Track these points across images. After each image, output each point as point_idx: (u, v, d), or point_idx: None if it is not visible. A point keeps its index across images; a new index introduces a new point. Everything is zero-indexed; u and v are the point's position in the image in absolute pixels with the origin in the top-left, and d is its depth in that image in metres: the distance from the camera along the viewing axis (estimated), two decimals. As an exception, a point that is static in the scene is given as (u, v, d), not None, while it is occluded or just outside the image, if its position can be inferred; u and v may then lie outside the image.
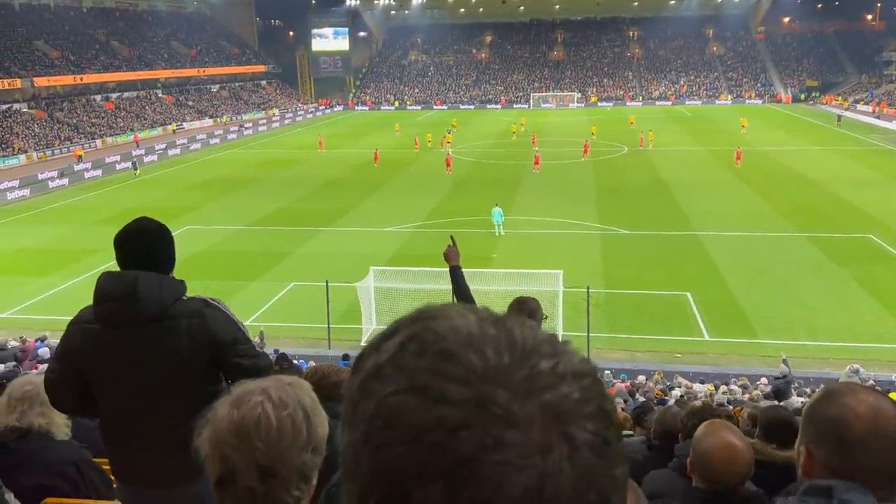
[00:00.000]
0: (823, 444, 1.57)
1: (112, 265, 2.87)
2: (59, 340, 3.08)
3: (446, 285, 18.78)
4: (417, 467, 0.59)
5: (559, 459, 0.59)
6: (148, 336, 2.80)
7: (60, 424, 3.45)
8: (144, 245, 2.92)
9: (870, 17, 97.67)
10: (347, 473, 0.65)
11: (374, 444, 0.62)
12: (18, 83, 62.21)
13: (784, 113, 75.87)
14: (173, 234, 3.05)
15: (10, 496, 3.01)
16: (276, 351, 16.09)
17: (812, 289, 22.16)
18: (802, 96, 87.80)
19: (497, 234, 28.64)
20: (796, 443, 1.68)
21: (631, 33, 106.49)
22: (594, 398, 0.63)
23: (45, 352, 14.57)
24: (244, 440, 1.44)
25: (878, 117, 66.06)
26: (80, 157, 51.70)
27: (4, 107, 60.29)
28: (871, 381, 15.05)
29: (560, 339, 0.68)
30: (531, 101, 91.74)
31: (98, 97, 71.04)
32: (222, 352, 2.85)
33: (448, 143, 52.53)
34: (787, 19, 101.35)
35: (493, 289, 20.39)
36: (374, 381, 0.64)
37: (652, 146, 50.74)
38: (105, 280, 2.87)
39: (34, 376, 3.84)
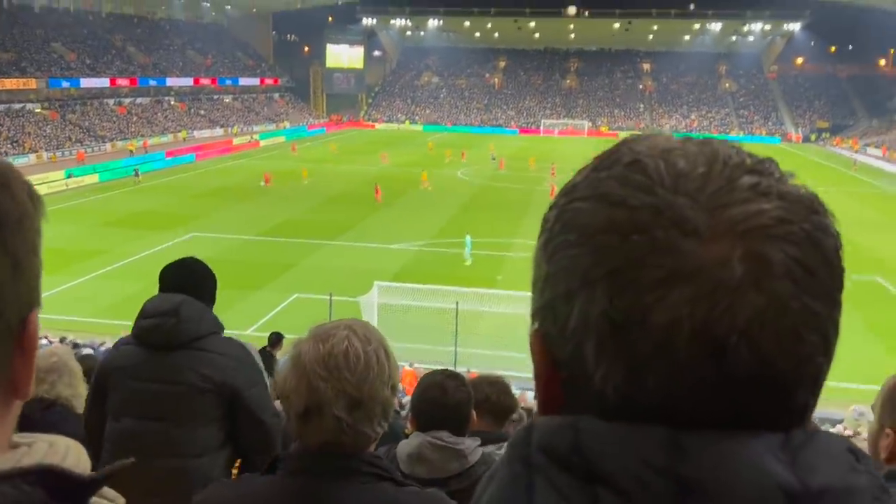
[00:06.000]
0: None
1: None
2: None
3: (451, 304, 18.41)
4: (583, 269, 0.57)
5: (741, 277, 0.53)
6: (175, 360, 2.81)
7: (82, 396, 3.38)
8: (188, 276, 3.14)
9: (883, 62, 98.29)
10: (533, 287, 0.64)
11: (551, 248, 0.61)
12: (33, 83, 62.65)
13: (799, 154, 75.98)
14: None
15: None
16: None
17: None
18: (813, 137, 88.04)
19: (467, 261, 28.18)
20: (871, 428, 1.54)
21: (644, 66, 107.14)
22: (804, 222, 0.55)
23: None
24: (333, 371, 1.51)
25: (888, 161, 66.11)
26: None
27: (18, 106, 60.61)
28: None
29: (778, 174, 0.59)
30: (542, 127, 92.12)
31: (111, 101, 71.42)
32: (240, 398, 2.81)
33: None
34: (800, 60, 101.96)
35: (500, 311, 20.21)
36: (562, 195, 0.63)
37: None
38: (151, 300, 2.96)
39: (57, 346, 3.73)
